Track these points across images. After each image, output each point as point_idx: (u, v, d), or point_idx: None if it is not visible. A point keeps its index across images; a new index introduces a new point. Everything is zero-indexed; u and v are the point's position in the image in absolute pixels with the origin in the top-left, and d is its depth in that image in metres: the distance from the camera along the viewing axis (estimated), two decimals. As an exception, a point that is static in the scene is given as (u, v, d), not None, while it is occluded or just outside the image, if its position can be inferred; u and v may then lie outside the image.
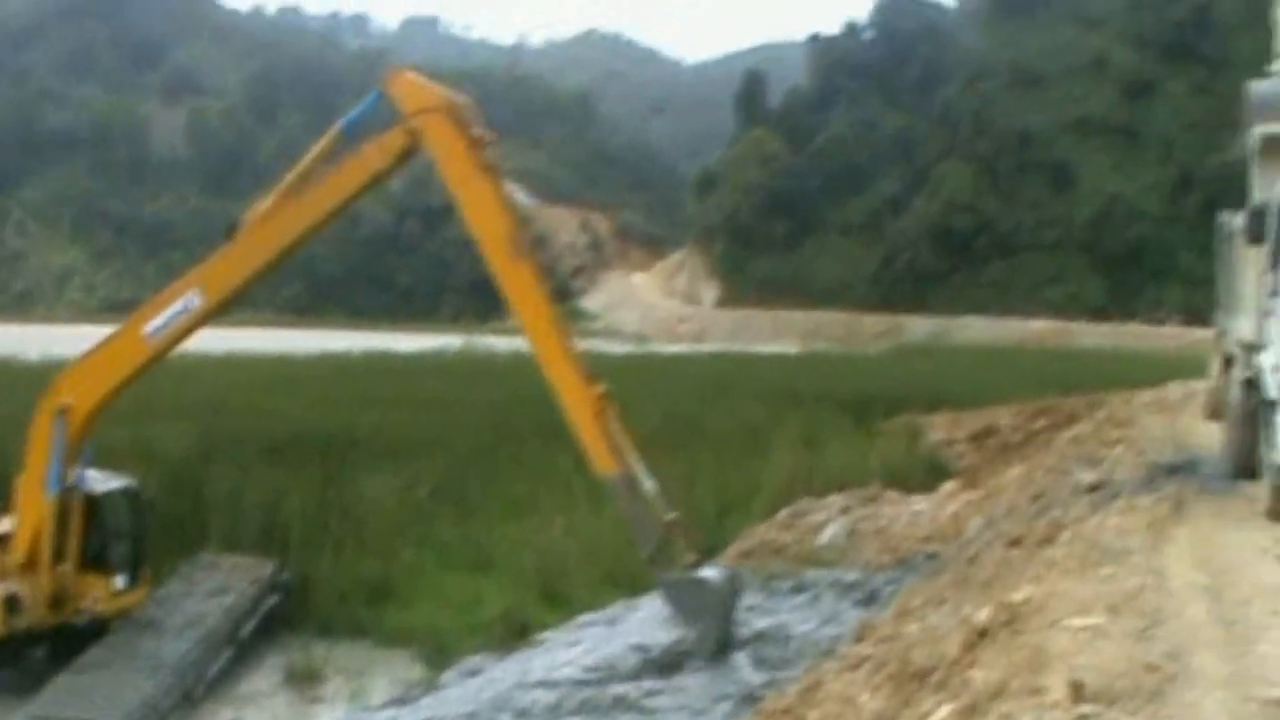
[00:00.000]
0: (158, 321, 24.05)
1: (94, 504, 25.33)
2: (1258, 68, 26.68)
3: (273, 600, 27.78)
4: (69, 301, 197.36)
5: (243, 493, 31.31)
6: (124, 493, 26.37)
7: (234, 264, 24.43)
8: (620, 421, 22.98)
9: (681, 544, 22.49)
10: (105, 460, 26.63)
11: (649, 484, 22.59)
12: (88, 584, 25.11)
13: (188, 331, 24.39)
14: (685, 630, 22.20)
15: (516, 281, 23.24)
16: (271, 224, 24.07)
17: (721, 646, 22.07)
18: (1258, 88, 23.10)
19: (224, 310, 25.27)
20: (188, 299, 24.01)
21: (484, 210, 23.34)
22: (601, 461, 22.59)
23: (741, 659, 22.25)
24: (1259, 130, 20.49)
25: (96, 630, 24.80)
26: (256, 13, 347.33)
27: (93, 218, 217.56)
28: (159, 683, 23.24)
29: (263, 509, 30.71)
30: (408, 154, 23.93)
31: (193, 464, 33.45)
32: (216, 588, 26.74)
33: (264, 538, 29.58)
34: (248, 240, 24.27)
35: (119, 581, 25.75)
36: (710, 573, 22.61)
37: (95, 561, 25.37)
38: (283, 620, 27.70)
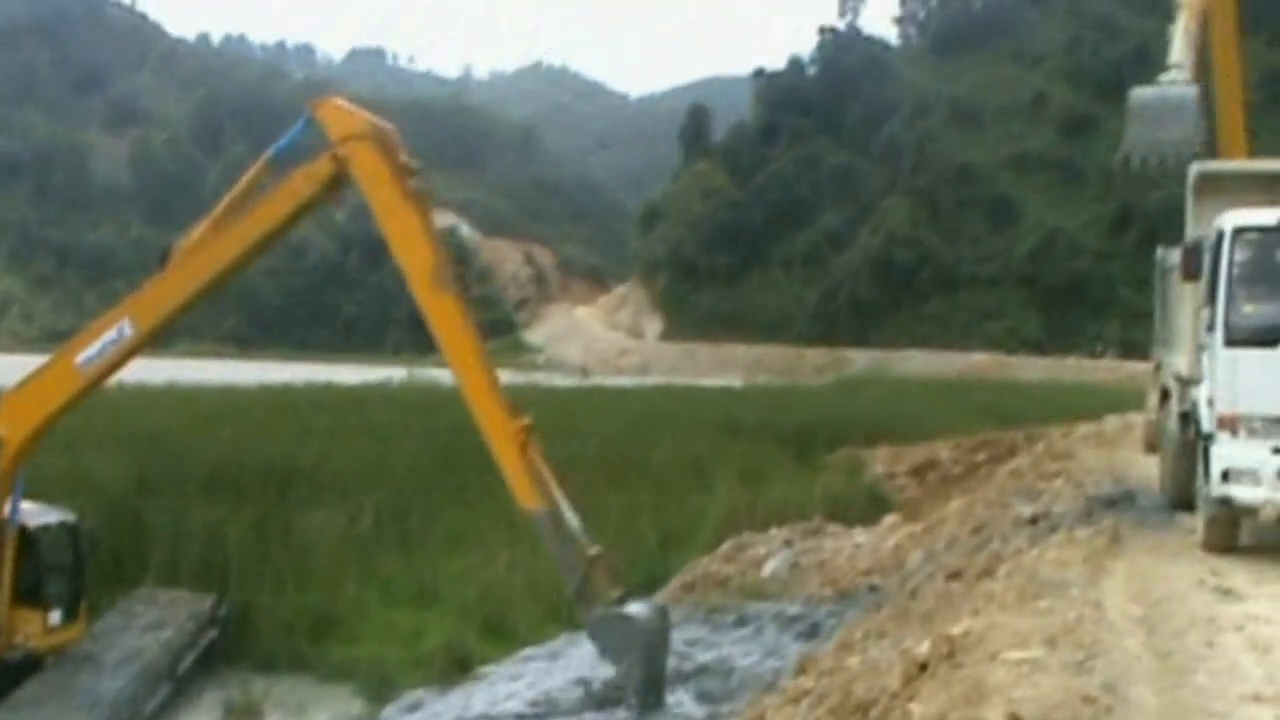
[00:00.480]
0: (90, 351, 23.74)
1: (28, 538, 24.75)
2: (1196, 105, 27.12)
3: (212, 635, 27.57)
4: (7, 331, 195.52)
5: (182, 525, 31.06)
6: (60, 526, 25.80)
7: (165, 293, 24.12)
8: (543, 455, 22.85)
9: (606, 579, 21.99)
10: (42, 492, 26.37)
11: (572, 518, 22.11)
12: (21, 619, 24.54)
13: (121, 361, 24.10)
14: (613, 666, 21.83)
15: (441, 312, 22.92)
16: (202, 254, 23.77)
17: (654, 683, 21.67)
18: (1139, 92, 23.40)
19: (156, 339, 24.98)
20: (120, 328, 23.71)
21: (409, 239, 22.99)
22: (525, 496, 22.29)
23: (684, 693, 22.25)
24: (1195, 167, 20.69)
25: (30, 666, 24.41)
26: (202, 41, 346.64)
27: (32, 246, 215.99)
28: (95, 719, 23.05)
29: (203, 542, 30.47)
30: (336, 182, 23.43)
31: (131, 496, 33.18)
32: (154, 622, 26.50)
33: (204, 571, 29.38)
34: (178, 270, 23.98)
35: (54, 617, 25.14)
36: (636, 608, 22.05)
37: (29, 596, 24.72)
38: (222, 655, 27.53)
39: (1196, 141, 22.34)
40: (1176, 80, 23.05)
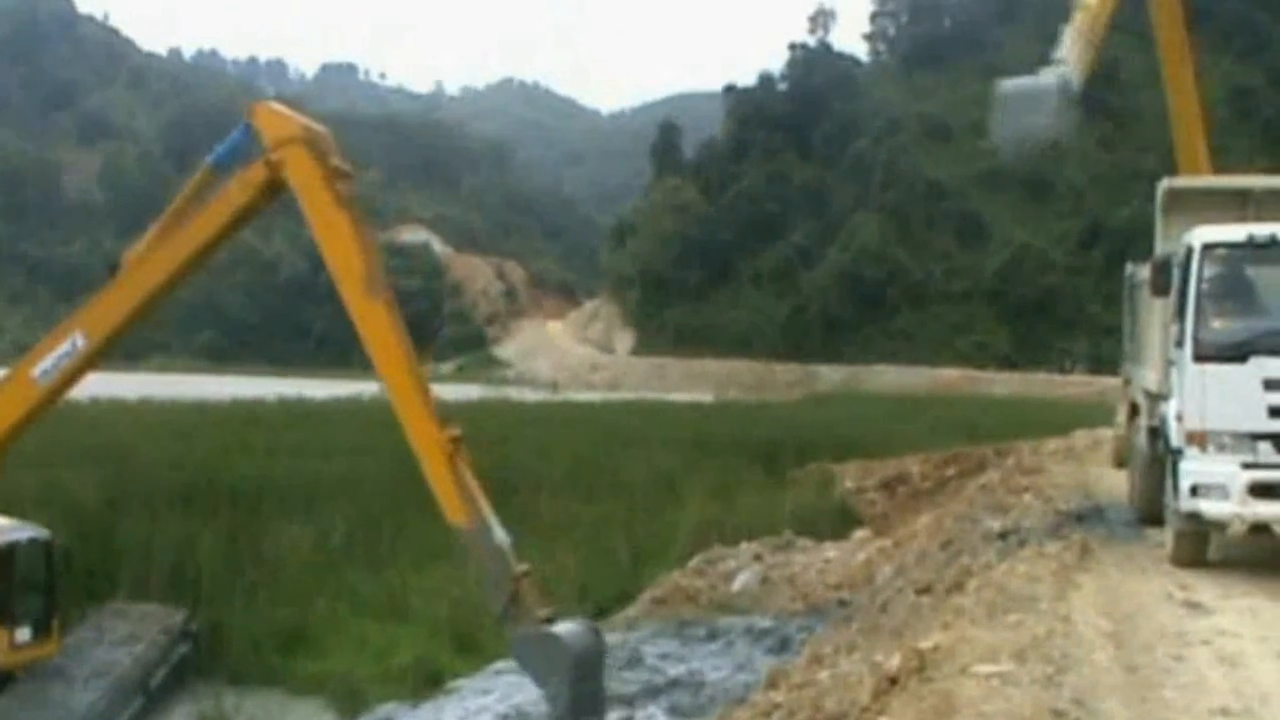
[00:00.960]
0: (45, 364, 23.49)
1: None
2: (1160, 123, 27.38)
3: (183, 649, 27.48)
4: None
5: (154, 540, 30.98)
6: (31, 543, 25.40)
7: (113, 304, 23.85)
8: (473, 468, 21.87)
9: (533, 598, 21.06)
10: (14, 506, 26.21)
11: (501, 535, 21.24)
12: None
13: (76, 372, 23.88)
14: (539, 688, 20.99)
15: (371, 320, 22.29)
16: (146, 264, 23.47)
17: (592, 704, 20.81)
18: (1005, 83, 23.49)
19: (109, 350, 24.76)
20: (73, 340, 23.48)
21: (340, 245, 22.39)
22: (453, 511, 21.43)
23: (655, 707, 22.22)
24: (1164, 183, 20.77)
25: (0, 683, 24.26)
26: (174, 57, 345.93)
27: (3, 261, 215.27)
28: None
29: (174, 556, 30.41)
30: (271, 187, 22.85)
31: (103, 510, 33.11)
32: (126, 636, 26.39)
33: (175, 585, 29.31)
34: (125, 280, 23.70)
35: (22, 634, 24.77)
36: (565, 628, 20.99)
37: None
38: (193, 669, 27.44)
39: (1060, 129, 22.45)
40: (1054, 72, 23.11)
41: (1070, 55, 23.25)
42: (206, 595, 29.32)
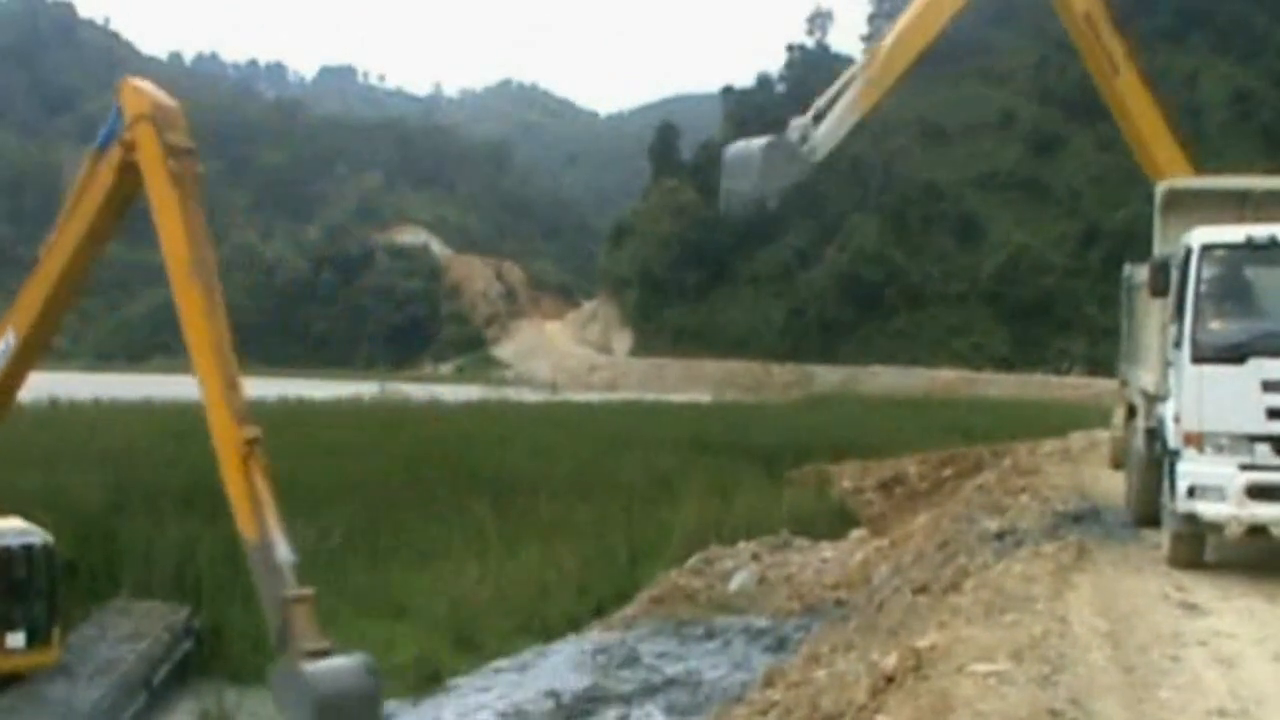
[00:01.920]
0: None
1: None
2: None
3: (186, 646, 27.46)
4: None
5: (156, 541, 30.99)
6: (25, 549, 25.00)
7: (28, 297, 23.54)
8: (267, 474, 20.51)
9: (306, 627, 19.16)
10: (18, 509, 26.16)
11: (286, 553, 19.47)
12: None
13: (16, 371, 23.63)
14: None
15: (186, 304, 21.01)
16: (50, 254, 23.26)
17: None
18: (729, 148, 23.70)
19: (41, 343, 24.44)
20: (5, 339, 23.42)
21: (168, 225, 21.30)
22: (239, 519, 20.08)
23: (652, 706, 22.20)
24: (1163, 185, 20.78)
25: None
26: (175, 60, 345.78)
27: (5, 264, 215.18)
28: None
29: (176, 557, 30.41)
30: (134, 167, 21.96)
31: (106, 512, 33.12)
32: (129, 633, 26.37)
33: (177, 585, 29.31)
34: (36, 272, 23.53)
35: (15, 639, 24.45)
36: (325, 667, 18.75)
37: None
38: (196, 667, 27.42)
39: (766, 191, 22.66)
40: (795, 127, 23.32)
41: (827, 120, 23.58)
42: (208, 595, 29.31)
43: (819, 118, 23.57)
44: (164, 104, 22.05)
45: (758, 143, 22.68)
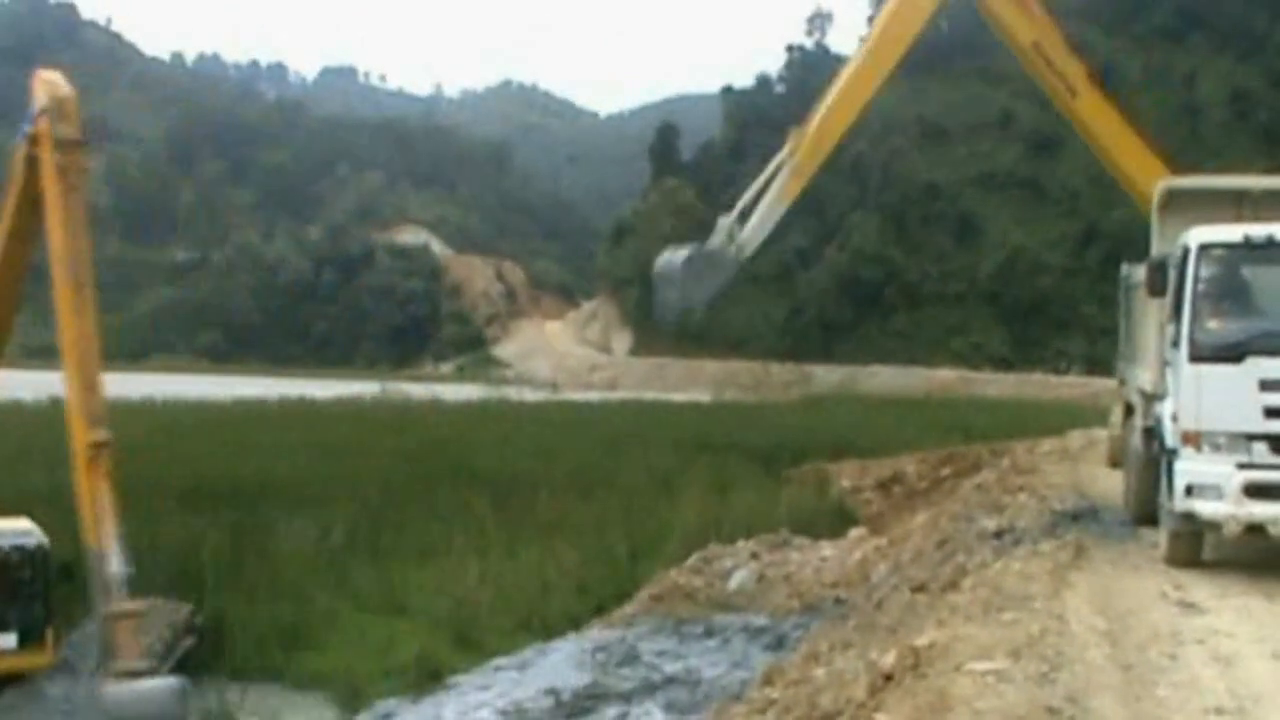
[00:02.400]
0: None
1: None
2: (1158, 125, 27.33)
3: (188, 642, 27.42)
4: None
5: (158, 538, 30.97)
6: (19, 550, 24.86)
7: None
8: (111, 480, 20.14)
9: (128, 645, 18.95)
10: (22, 507, 26.12)
11: (116, 567, 19.28)
12: None
13: None
14: None
15: (60, 301, 20.72)
16: None
17: None
18: (658, 259, 23.81)
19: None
20: None
21: (50, 218, 21.16)
22: (84, 528, 19.82)
23: (651, 703, 22.20)
24: (1161, 184, 20.76)
25: None
26: (177, 61, 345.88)
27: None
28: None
29: (178, 553, 30.42)
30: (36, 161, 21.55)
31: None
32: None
33: (179, 582, 29.28)
34: None
35: (8, 640, 24.30)
36: (130, 690, 18.40)
37: None
38: (198, 663, 27.39)
39: (692, 301, 22.84)
40: (721, 229, 23.57)
41: (755, 216, 23.84)
42: (210, 592, 29.31)
43: (745, 214, 23.74)
44: (60, 94, 21.63)
45: (680, 255, 22.86)
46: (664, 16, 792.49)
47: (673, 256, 22.60)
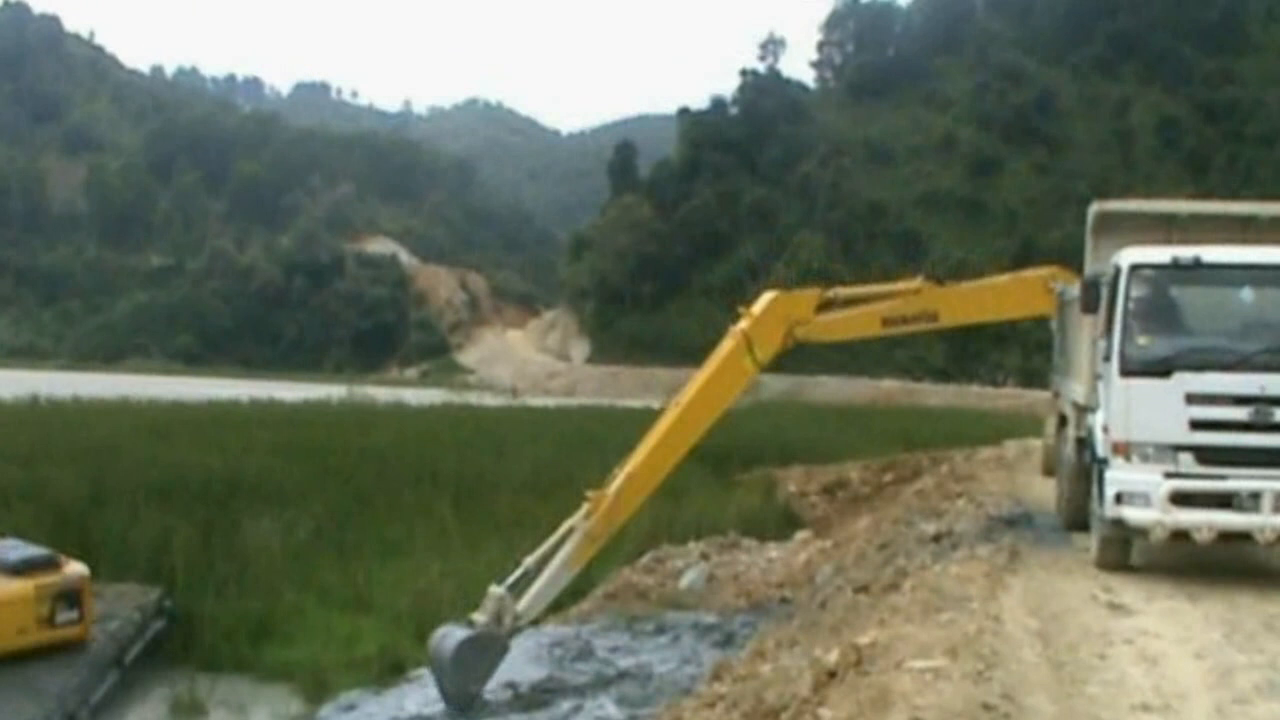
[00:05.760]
0: None
1: None
2: (1095, 150, 27.32)
3: (158, 626, 27.22)
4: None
5: (132, 533, 30.79)
6: None
7: None
8: None
9: None
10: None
11: None
12: None
13: None
14: None
15: None
16: None
17: None
18: (432, 638, 23.09)
19: None
20: None
21: None
22: None
23: (605, 698, 22.18)
24: (1095, 207, 20.84)
25: None
26: (156, 73, 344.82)
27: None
28: (41, 710, 22.51)
29: (150, 549, 30.21)
30: None
31: (84, 505, 32.87)
32: (100, 614, 26.06)
33: (151, 577, 29.09)
34: None
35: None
36: None
37: None
38: (169, 652, 27.20)
39: (470, 687, 22.38)
40: (492, 597, 23.28)
41: (539, 583, 23.45)
42: (181, 586, 29.11)
43: (522, 580, 23.32)
44: None
45: (448, 645, 22.31)
46: (625, 40, 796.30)
47: (441, 646, 22.04)
